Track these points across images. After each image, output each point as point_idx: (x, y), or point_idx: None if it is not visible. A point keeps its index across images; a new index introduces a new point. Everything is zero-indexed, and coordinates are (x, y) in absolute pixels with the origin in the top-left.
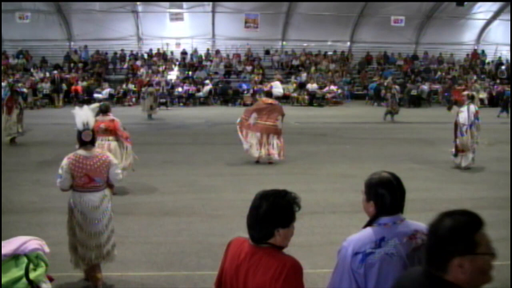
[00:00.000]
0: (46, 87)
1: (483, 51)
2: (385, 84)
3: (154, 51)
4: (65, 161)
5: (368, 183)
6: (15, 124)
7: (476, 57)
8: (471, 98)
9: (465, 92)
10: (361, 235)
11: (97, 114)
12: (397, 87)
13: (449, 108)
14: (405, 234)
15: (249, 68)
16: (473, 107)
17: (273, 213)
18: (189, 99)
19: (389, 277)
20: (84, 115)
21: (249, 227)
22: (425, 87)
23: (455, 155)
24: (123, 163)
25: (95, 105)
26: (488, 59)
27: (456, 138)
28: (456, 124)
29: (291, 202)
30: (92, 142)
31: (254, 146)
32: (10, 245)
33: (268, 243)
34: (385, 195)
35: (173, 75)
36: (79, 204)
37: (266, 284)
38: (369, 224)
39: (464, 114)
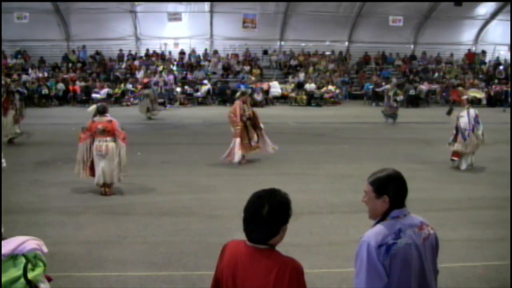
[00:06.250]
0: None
1: (483, 51)
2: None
3: (152, 51)
4: None
5: (377, 180)
6: (12, 125)
7: (473, 57)
8: (471, 102)
9: (465, 96)
10: (379, 228)
11: (94, 115)
12: (398, 91)
13: (449, 113)
14: (416, 225)
15: (247, 68)
16: (472, 111)
17: (277, 210)
18: (188, 97)
19: (410, 266)
20: None
21: (252, 230)
22: (424, 87)
23: (454, 161)
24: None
25: (93, 107)
26: (487, 59)
27: (455, 143)
28: (457, 129)
29: (287, 198)
30: None
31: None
32: (8, 245)
33: (267, 244)
34: (398, 189)
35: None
36: None
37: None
38: (382, 219)
39: (464, 118)
